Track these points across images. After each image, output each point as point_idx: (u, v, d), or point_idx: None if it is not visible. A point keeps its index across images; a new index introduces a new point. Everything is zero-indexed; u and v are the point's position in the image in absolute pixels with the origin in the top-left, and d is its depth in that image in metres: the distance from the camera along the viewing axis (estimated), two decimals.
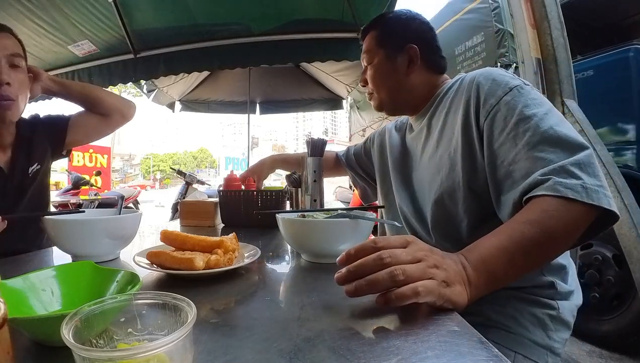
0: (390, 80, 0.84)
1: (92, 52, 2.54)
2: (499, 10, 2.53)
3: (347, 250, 0.46)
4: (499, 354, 0.33)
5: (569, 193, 0.52)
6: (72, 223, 0.69)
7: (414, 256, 0.44)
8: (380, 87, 0.85)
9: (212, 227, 1.16)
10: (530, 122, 0.61)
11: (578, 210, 0.52)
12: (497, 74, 0.69)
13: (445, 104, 0.78)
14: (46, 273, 0.44)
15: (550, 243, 0.52)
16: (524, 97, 0.64)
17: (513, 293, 0.68)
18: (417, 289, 0.41)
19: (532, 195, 0.55)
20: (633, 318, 1.72)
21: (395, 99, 0.86)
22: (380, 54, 0.84)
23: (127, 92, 18.28)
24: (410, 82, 0.83)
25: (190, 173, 3.64)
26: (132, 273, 0.44)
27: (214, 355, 0.33)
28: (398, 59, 0.82)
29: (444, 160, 0.74)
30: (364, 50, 0.88)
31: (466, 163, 0.69)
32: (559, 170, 0.54)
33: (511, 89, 0.65)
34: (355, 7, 2.30)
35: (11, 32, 0.89)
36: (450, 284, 0.44)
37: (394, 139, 0.98)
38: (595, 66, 1.99)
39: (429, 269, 0.43)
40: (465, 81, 0.74)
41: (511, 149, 0.62)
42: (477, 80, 0.70)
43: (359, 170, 1.18)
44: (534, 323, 0.67)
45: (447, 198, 0.72)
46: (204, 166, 61.41)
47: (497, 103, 0.66)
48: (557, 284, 0.68)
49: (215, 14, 2.41)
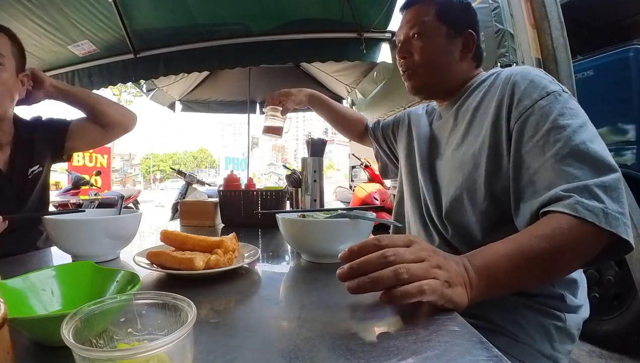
0: (443, 61, 0.79)
1: (92, 52, 2.55)
2: (499, 10, 2.53)
3: (349, 247, 0.46)
4: (498, 354, 0.33)
5: (588, 216, 0.50)
6: (72, 223, 0.69)
7: (417, 255, 0.44)
8: (431, 66, 0.79)
9: (212, 227, 1.16)
10: (562, 132, 0.58)
11: (593, 233, 0.50)
12: (536, 75, 0.66)
13: (476, 97, 0.75)
14: (46, 273, 0.44)
15: (558, 262, 0.51)
16: (561, 105, 0.61)
17: (522, 301, 0.67)
18: (422, 287, 0.41)
19: (550, 209, 0.54)
20: (633, 318, 1.72)
21: (441, 82, 0.81)
22: (442, 30, 0.77)
23: (127, 91, 18.28)
24: (460, 68, 0.80)
25: (190, 173, 3.64)
26: (132, 273, 0.44)
27: (214, 355, 0.33)
28: (455, 42, 0.78)
29: (467, 157, 0.71)
30: (416, 19, 0.78)
31: (490, 164, 0.67)
32: (583, 189, 0.52)
33: (548, 94, 0.63)
34: (355, 7, 2.30)
35: (5, 32, 0.89)
36: (452, 285, 0.44)
37: (423, 122, 0.94)
38: (595, 66, 1.99)
39: (432, 269, 0.43)
40: (501, 78, 0.71)
41: (538, 157, 0.60)
42: (514, 79, 0.67)
43: (383, 144, 1.12)
44: (540, 333, 0.66)
45: (466, 198, 0.70)
46: (204, 166, 61.39)
47: (531, 106, 0.63)
48: (566, 297, 0.67)
49: (215, 14, 2.41)
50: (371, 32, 2.48)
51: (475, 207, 0.69)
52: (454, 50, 0.78)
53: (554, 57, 1.38)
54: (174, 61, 2.60)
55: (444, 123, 0.84)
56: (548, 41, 1.25)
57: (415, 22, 0.79)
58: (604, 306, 1.81)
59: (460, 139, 0.75)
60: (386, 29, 2.52)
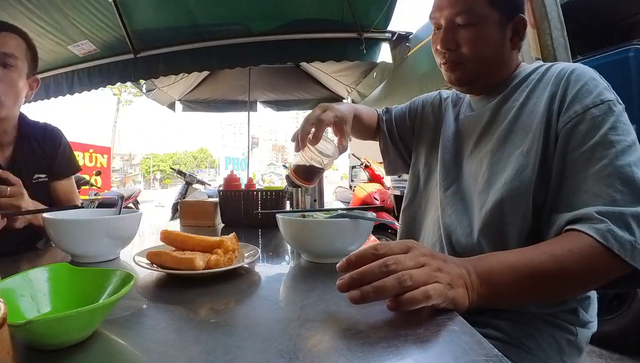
0: (497, 53, 0.70)
1: (92, 52, 2.55)
2: None
3: (347, 257, 0.45)
4: (498, 354, 0.33)
5: (615, 247, 0.48)
6: (72, 223, 0.69)
7: (417, 261, 0.44)
8: (482, 58, 0.69)
9: (212, 227, 1.16)
10: (610, 149, 0.55)
11: (614, 264, 0.49)
12: (590, 78, 0.62)
13: (522, 93, 0.68)
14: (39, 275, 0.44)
15: (563, 283, 0.50)
16: (614, 118, 0.57)
17: (537, 314, 0.66)
18: (428, 293, 0.41)
19: (580, 229, 0.52)
20: (633, 318, 1.72)
21: (492, 75, 0.72)
22: (494, 17, 0.67)
23: (127, 91, 18.29)
24: (510, 58, 0.72)
25: (191, 173, 3.64)
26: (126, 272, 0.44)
27: (214, 355, 0.33)
28: (507, 29, 0.69)
29: (513, 157, 0.64)
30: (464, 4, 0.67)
31: (539, 167, 0.61)
32: (618, 216, 0.50)
33: (602, 102, 0.58)
34: (355, 7, 2.30)
35: (18, 33, 0.90)
36: (454, 286, 0.44)
37: (450, 116, 0.84)
38: (595, 66, 1.96)
39: (433, 273, 0.43)
40: (552, 72, 0.66)
41: (581, 170, 0.57)
42: (568, 77, 0.62)
43: (396, 139, 0.96)
44: (552, 346, 0.65)
45: (508, 202, 0.63)
46: (204, 166, 61.36)
47: (582, 112, 0.58)
48: (579, 312, 0.66)
49: (215, 14, 2.41)
50: (371, 32, 2.48)
51: (517, 215, 0.62)
52: (505, 40, 0.70)
53: (554, 57, 1.38)
54: (174, 61, 2.60)
55: (476, 117, 0.76)
56: (548, 41, 1.25)
57: (463, 8, 0.67)
58: (604, 306, 1.81)
59: (502, 138, 0.68)
60: (386, 29, 2.52)
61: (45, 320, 0.33)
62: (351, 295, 0.42)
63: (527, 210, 0.61)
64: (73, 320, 0.33)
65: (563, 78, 0.63)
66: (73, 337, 0.35)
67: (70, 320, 0.33)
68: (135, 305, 0.47)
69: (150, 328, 0.40)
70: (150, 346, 0.36)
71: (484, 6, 0.67)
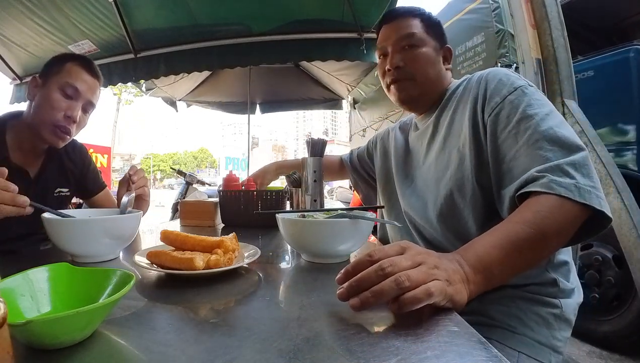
0: (434, 69, 0.84)
1: (92, 51, 2.55)
2: (499, 10, 2.53)
3: (344, 268, 0.46)
4: (498, 354, 0.33)
5: (562, 192, 0.54)
6: (72, 223, 0.69)
7: (414, 260, 0.44)
8: (425, 74, 0.83)
9: (212, 227, 1.16)
10: (531, 121, 0.63)
11: (570, 209, 0.54)
12: (503, 74, 0.72)
13: (453, 103, 0.81)
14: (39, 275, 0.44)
15: (543, 242, 0.53)
16: (528, 97, 0.67)
17: (517, 293, 0.69)
18: (429, 290, 0.41)
19: (526, 190, 0.58)
20: (633, 318, 1.72)
21: (431, 92, 0.86)
22: (431, 43, 0.84)
23: (127, 91, 18.27)
24: (443, 78, 0.86)
25: (191, 173, 3.63)
26: (126, 272, 0.44)
27: (214, 355, 0.33)
28: (439, 54, 0.85)
29: (453, 155, 0.76)
30: (407, 30, 0.83)
31: (474, 156, 0.71)
32: (554, 168, 0.56)
33: (516, 89, 0.68)
34: (355, 7, 2.30)
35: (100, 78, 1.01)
36: (451, 282, 0.45)
37: (399, 139, 0.99)
38: (595, 66, 1.99)
39: (430, 271, 0.43)
40: (473, 80, 0.77)
41: (512, 146, 0.64)
42: (485, 78, 0.74)
43: (362, 172, 1.19)
44: (539, 323, 0.67)
45: (456, 192, 0.74)
46: (204, 166, 61.37)
47: (501, 101, 0.68)
48: (559, 282, 0.69)
49: (215, 14, 2.41)
50: (371, 32, 2.48)
51: (466, 201, 0.72)
52: (440, 61, 0.85)
53: (554, 57, 1.38)
54: (174, 61, 2.60)
55: (423, 132, 0.89)
56: (548, 41, 1.25)
57: (406, 34, 0.83)
58: (603, 306, 1.81)
59: (442, 142, 0.80)
60: None
61: (45, 320, 0.33)
62: (351, 303, 0.42)
63: (475, 194, 0.71)
64: (73, 320, 0.33)
65: (481, 81, 0.74)
66: (73, 336, 0.35)
67: (70, 320, 0.33)
68: (135, 305, 0.47)
69: (150, 328, 0.40)
70: (150, 346, 0.36)
71: (422, 33, 0.83)
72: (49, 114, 0.90)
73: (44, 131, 0.91)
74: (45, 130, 0.91)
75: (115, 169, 39.25)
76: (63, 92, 0.91)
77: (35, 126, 0.91)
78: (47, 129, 0.91)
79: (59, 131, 0.91)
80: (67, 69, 0.93)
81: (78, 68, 0.94)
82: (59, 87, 0.91)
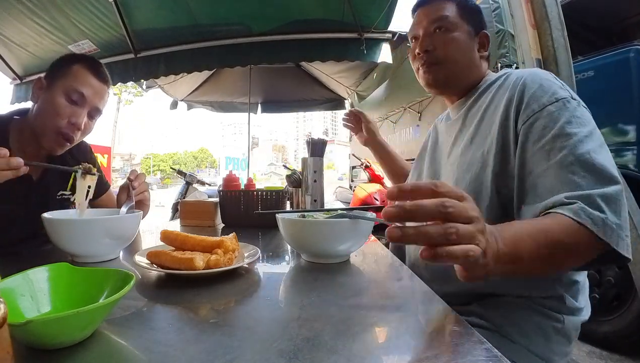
0: (466, 57, 0.80)
1: (93, 51, 2.55)
2: (499, 10, 2.53)
3: (400, 185, 0.38)
4: (498, 354, 0.33)
5: (589, 224, 0.50)
6: (72, 223, 0.69)
7: (470, 214, 0.38)
8: (455, 58, 0.79)
9: (212, 227, 1.16)
10: (569, 140, 0.58)
11: (590, 241, 0.51)
12: (545, 79, 0.67)
13: (486, 98, 0.76)
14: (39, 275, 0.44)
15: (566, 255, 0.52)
16: (569, 112, 0.61)
17: (521, 302, 0.67)
18: (468, 254, 0.36)
19: (554, 211, 0.54)
20: (633, 319, 1.72)
21: (461, 77, 0.82)
22: (464, 27, 0.80)
23: (128, 91, 18.27)
24: (477, 66, 0.82)
25: (191, 173, 3.63)
26: (126, 272, 0.44)
27: (214, 355, 0.33)
28: (474, 40, 0.81)
29: (476, 158, 0.72)
30: (438, 14, 0.80)
31: (498, 165, 0.67)
32: (586, 198, 0.53)
33: (557, 100, 0.63)
34: (356, 7, 2.30)
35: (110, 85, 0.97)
36: (486, 255, 0.40)
37: (435, 129, 0.97)
38: (595, 67, 1.99)
39: (477, 234, 0.38)
40: (511, 79, 0.72)
41: (542, 162, 0.60)
42: (524, 81, 0.68)
43: None
44: (537, 333, 0.66)
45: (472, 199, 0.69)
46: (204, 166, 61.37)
47: (539, 111, 0.63)
48: (566, 298, 0.67)
49: (215, 14, 2.41)
50: (371, 32, 2.48)
51: (482, 207, 0.68)
52: (474, 48, 0.80)
53: (554, 57, 1.38)
54: (174, 61, 2.60)
55: (452, 125, 0.85)
56: (549, 42, 1.25)
57: (438, 17, 0.79)
58: (603, 307, 1.81)
59: (469, 140, 0.75)
60: (386, 30, 2.52)
61: (45, 320, 0.33)
62: (390, 231, 0.36)
63: (492, 202, 0.68)
64: (73, 320, 0.33)
65: (519, 83, 0.68)
66: (73, 336, 0.35)
67: (70, 320, 0.33)
68: (135, 305, 0.47)
69: (150, 328, 0.40)
70: (150, 346, 0.36)
71: (456, 17, 0.79)
72: (52, 119, 0.86)
73: (46, 137, 0.87)
74: (46, 136, 0.87)
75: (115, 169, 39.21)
76: (68, 97, 0.86)
77: (37, 131, 0.88)
78: (48, 136, 0.87)
79: (61, 138, 0.87)
80: (73, 72, 0.89)
81: (85, 71, 0.90)
82: (64, 91, 0.86)
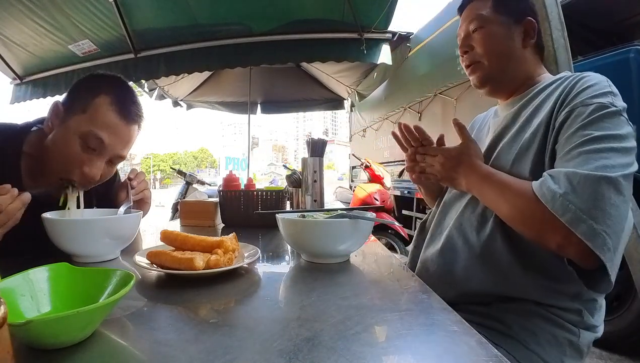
0: (504, 47, 0.78)
1: (93, 51, 2.55)
2: None
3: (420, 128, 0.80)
4: (498, 354, 0.33)
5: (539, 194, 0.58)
6: (72, 223, 0.69)
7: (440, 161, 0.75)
8: (492, 53, 0.78)
9: (212, 227, 1.16)
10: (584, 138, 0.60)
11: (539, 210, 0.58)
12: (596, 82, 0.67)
13: (541, 97, 0.74)
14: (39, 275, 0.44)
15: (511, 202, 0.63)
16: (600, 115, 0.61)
17: (539, 311, 0.67)
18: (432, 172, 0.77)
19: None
20: (633, 319, 1.72)
21: (506, 69, 0.79)
22: (497, 20, 0.78)
23: None
24: (523, 56, 0.79)
25: (191, 173, 3.63)
26: (126, 272, 0.44)
27: (214, 355, 0.33)
28: (516, 30, 0.78)
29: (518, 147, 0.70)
30: (473, 14, 0.80)
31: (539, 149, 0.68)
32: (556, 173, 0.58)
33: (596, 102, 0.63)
34: (356, 7, 2.30)
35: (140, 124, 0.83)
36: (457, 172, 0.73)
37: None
38: (595, 67, 1.99)
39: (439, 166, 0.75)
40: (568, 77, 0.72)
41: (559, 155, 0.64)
42: (576, 79, 0.69)
43: None
44: (552, 344, 0.66)
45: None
46: (204, 166, 61.35)
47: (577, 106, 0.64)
48: (584, 314, 0.67)
49: (215, 14, 2.41)
50: (372, 33, 2.48)
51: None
52: (515, 37, 0.78)
53: (554, 57, 1.37)
54: (174, 61, 2.60)
55: (497, 122, 0.83)
56: (549, 42, 1.24)
57: (473, 17, 0.80)
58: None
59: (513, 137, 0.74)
60: (387, 30, 2.52)
61: (45, 320, 0.33)
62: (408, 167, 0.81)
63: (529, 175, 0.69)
64: (73, 320, 0.33)
65: (572, 80, 0.69)
66: (73, 336, 0.35)
67: (70, 320, 0.33)
68: (135, 305, 0.47)
69: (150, 328, 0.40)
70: (150, 346, 0.36)
71: (490, 12, 0.79)
72: (60, 165, 0.72)
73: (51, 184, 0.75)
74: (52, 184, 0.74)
75: None
76: (84, 141, 0.72)
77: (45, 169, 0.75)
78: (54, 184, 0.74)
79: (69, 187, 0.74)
80: (95, 106, 0.72)
81: (109, 108, 0.73)
82: (80, 134, 0.71)
